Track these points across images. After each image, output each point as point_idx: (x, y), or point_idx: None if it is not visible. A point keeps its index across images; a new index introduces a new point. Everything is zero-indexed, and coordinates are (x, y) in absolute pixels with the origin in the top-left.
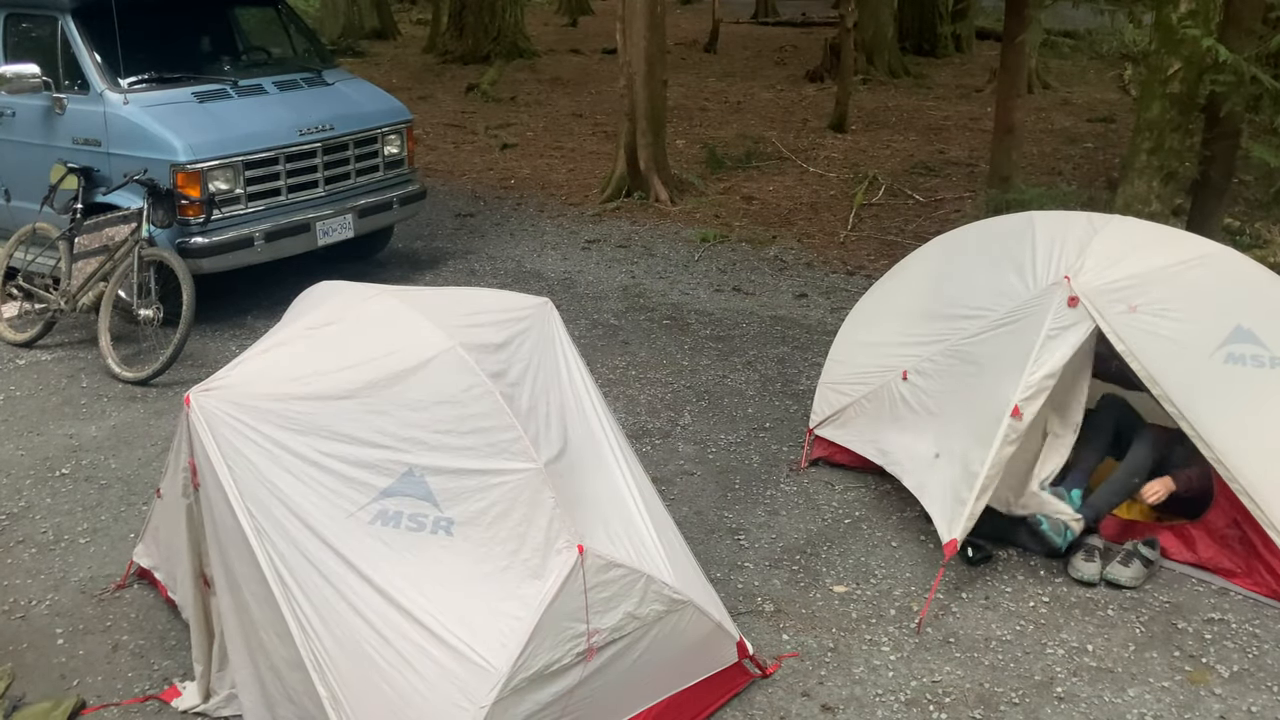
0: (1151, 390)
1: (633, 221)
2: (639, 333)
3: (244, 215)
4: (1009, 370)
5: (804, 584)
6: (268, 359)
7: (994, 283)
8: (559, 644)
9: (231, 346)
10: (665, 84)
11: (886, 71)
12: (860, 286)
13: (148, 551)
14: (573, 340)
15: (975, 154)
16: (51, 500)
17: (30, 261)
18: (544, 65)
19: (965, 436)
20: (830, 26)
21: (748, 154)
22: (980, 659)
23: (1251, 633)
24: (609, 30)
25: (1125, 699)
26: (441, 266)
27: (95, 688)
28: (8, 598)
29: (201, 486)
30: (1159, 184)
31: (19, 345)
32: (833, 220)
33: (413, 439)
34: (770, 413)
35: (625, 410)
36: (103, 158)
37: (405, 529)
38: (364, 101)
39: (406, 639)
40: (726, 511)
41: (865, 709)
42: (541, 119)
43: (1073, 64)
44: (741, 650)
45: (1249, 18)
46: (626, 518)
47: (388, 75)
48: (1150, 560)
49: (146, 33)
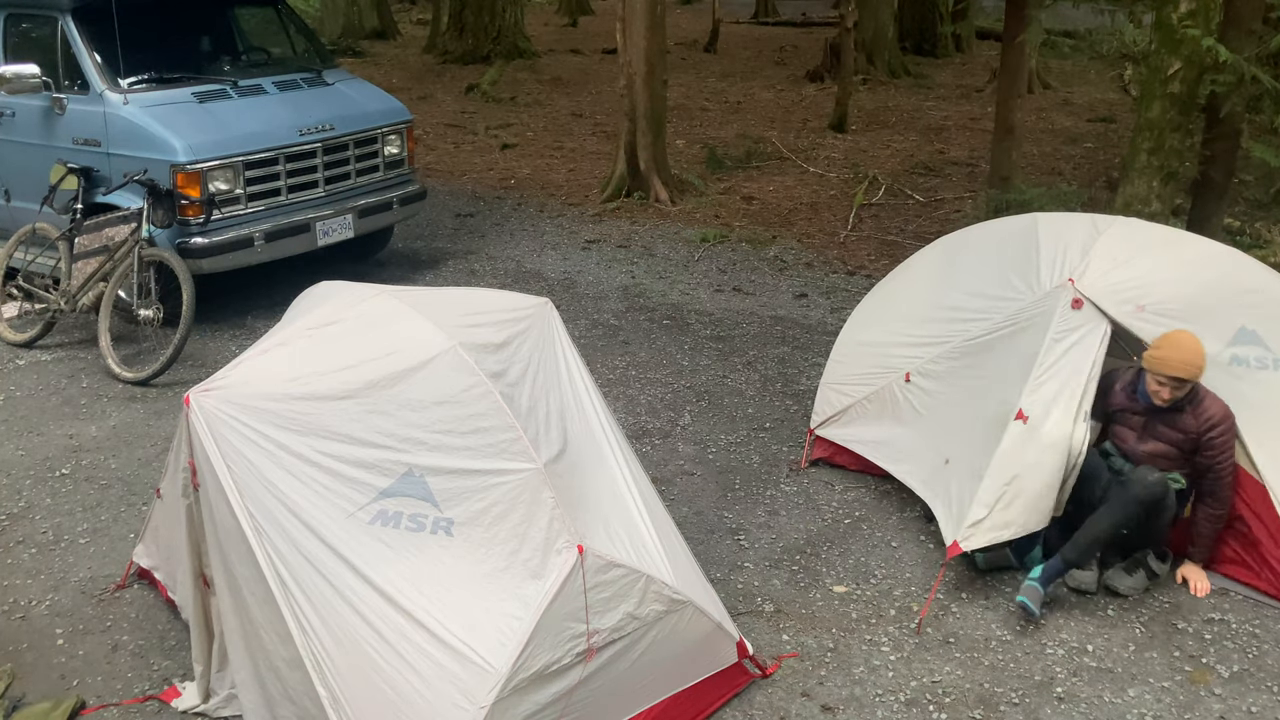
0: None
1: (633, 221)
2: (639, 333)
3: (244, 215)
4: (1014, 373)
5: (804, 584)
6: (268, 359)
7: (997, 285)
8: (559, 644)
9: (231, 346)
10: (665, 84)
11: (887, 71)
12: (860, 286)
13: (148, 552)
14: (573, 340)
15: (975, 154)
16: (51, 500)
17: (30, 262)
18: (544, 65)
19: (971, 441)
20: (830, 26)
21: (748, 154)
22: (980, 659)
23: (1251, 633)
24: (609, 30)
25: (1125, 699)
26: (441, 266)
27: (95, 688)
28: (8, 598)
29: (201, 487)
30: (1159, 184)
31: (19, 345)
32: (833, 220)
33: (412, 439)
34: (770, 413)
35: (625, 410)
36: (103, 158)
37: (405, 529)
38: (364, 101)
39: (406, 639)
40: (726, 512)
41: (865, 709)
42: (541, 119)
43: (1073, 64)
44: (741, 650)
45: (1249, 18)
46: (626, 518)
47: (388, 75)
48: (1156, 574)
49: (146, 33)
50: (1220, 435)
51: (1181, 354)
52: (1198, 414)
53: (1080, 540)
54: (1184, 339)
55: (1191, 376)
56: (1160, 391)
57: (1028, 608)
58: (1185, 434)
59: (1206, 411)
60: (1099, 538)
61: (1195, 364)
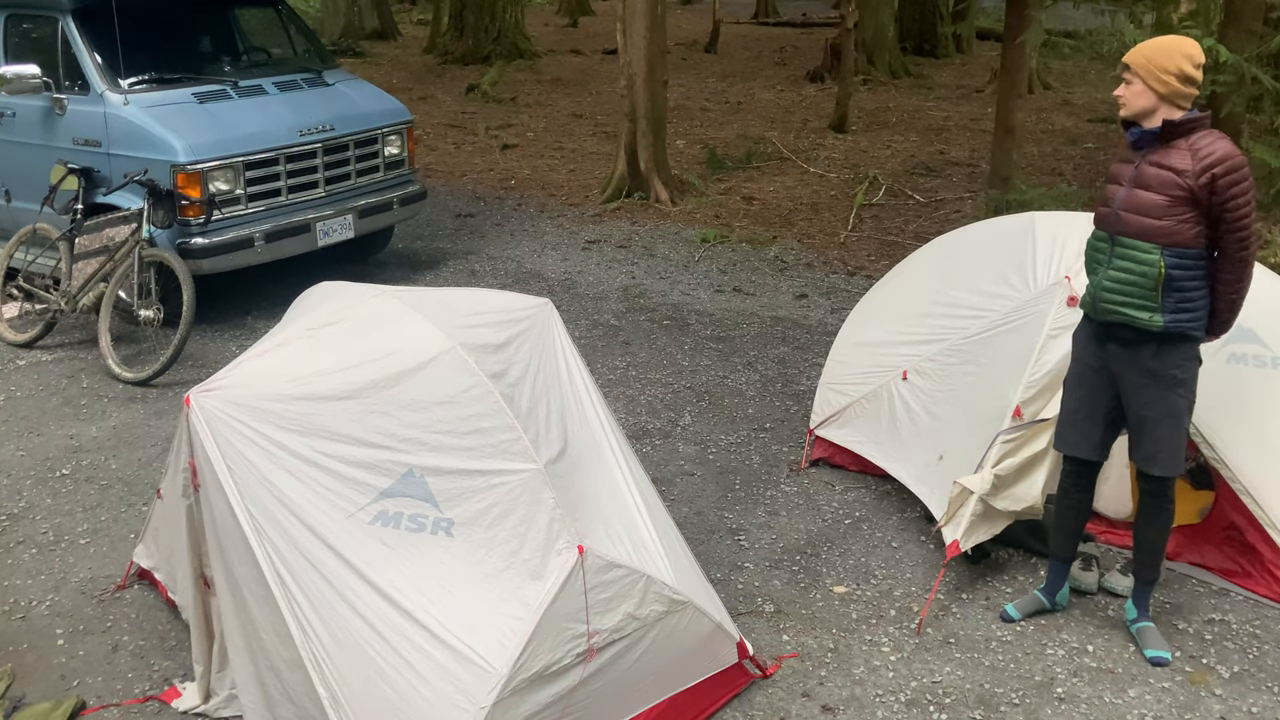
0: None
1: (633, 222)
2: (639, 333)
3: (244, 216)
4: (1010, 370)
5: (804, 584)
6: (268, 359)
7: (994, 283)
8: (559, 644)
9: (231, 347)
10: (666, 84)
11: (887, 72)
12: (860, 287)
13: (148, 552)
14: (573, 341)
15: (976, 154)
16: (52, 501)
17: (31, 262)
18: (544, 66)
19: (968, 438)
20: (830, 27)
21: (748, 154)
22: (980, 659)
23: (1252, 633)
24: (609, 31)
25: (1125, 699)
26: (441, 267)
27: (95, 688)
28: (8, 598)
29: (201, 487)
30: None
31: (19, 346)
32: (833, 220)
33: (413, 439)
34: (770, 413)
35: (625, 410)
36: (103, 158)
37: (405, 529)
38: (364, 102)
39: (406, 639)
40: (726, 512)
41: (865, 709)
42: (542, 119)
43: (1073, 64)
44: (741, 651)
45: (1249, 18)
46: (627, 518)
47: (388, 76)
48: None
49: (147, 33)
50: (1225, 174)
51: (1145, 46)
52: (1195, 150)
53: (1146, 558)
54: (1165, 36)
55: (1139, 66)
56: (1120, 95)
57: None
58: (1177, 173)
59: (1207, 148)
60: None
61: (1146, 54)
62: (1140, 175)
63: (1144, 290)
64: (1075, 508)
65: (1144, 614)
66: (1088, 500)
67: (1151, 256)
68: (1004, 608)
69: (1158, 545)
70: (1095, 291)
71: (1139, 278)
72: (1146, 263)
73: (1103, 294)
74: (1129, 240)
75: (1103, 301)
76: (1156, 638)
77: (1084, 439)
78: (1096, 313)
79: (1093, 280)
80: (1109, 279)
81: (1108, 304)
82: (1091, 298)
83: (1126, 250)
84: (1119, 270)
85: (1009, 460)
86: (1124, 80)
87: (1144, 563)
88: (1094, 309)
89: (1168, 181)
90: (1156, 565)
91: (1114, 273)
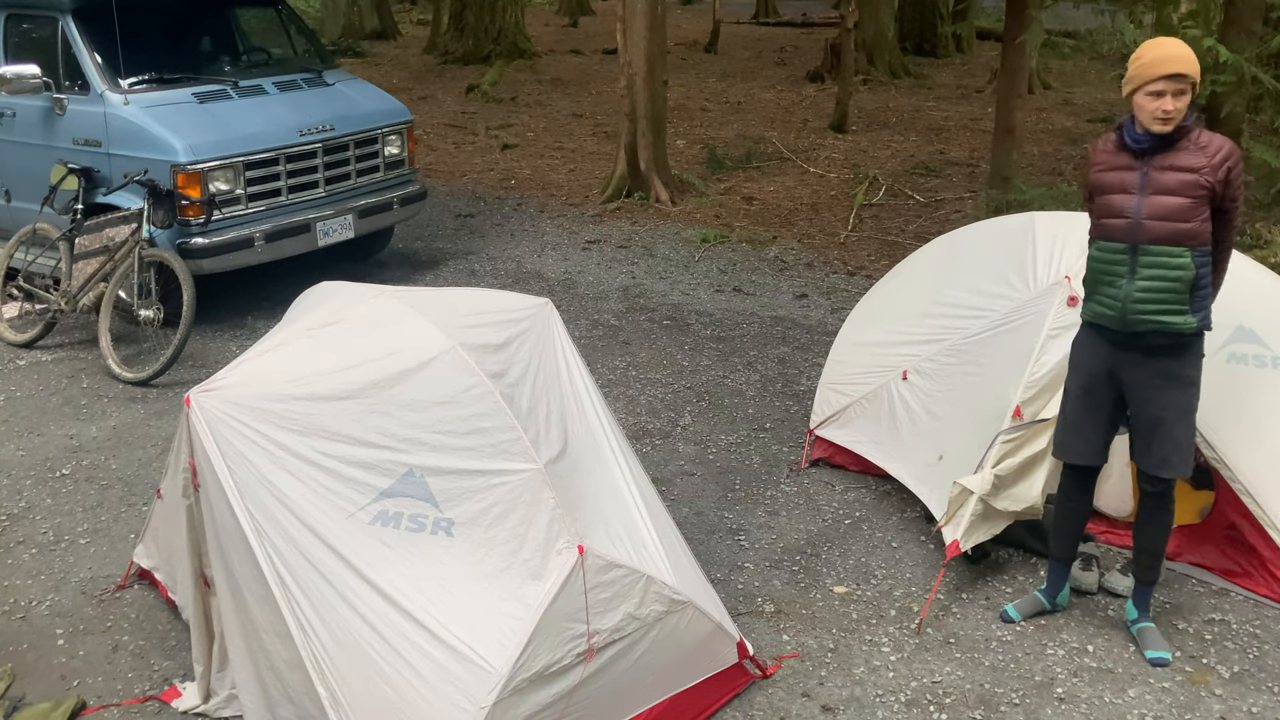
0: None
1: (633, 222)
2: (639, 333)
3: (244, 216)
4: (1010, 370)
5: (804, 584)
6: (268, 359)
7: (994, 282)
8: (559, 644)
9: (231, 347)
10: (666, 84)
11: (887, 72)
12: (860, 287)
13: (148, 552)
14: (573, 341)
15: (976, 154)
16: (52, 501)
17: (31, 262)
18: (544, 66)
19: (968, 438)
20: (830, 27)
21: (748, 154)
22: (981, 659)
23: (1252, 633)
24: (609, 31)
25: (1125, 699)
26: (441, 267)
27: (95, 688)
28: (8, 598)
29: (202, 487)
30: None
31: (19, 346)
32: (833, 220)
33: (413, 439)
34: (770, 413)
35: (625, 410)
36: (103, 158)
37: (405, 529)
38: (364, 102)
39: (406, 639)
40: (727, 512)
41: (865, 709)
42: (542, 119)
43: (1073, 64)
44: (742, 651)
45: (1249, 18)
46: (627, 518)
47: (388, 75)
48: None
49: (147, 33)
50: (1236, 165)
51: (1168, 49)
52: (1203, 147)
53: (1146, 559)
54: (1161, 39)
55: (1192, 71)
56: (1162, 105)
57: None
58: (1195, 171)
59: (1214, 144)
60: (1162, 548)
61: (1188, 56)
62: (1155, 181)
63: (1178, 295)
64: (1076, 510)
65: (1144, 614)
66: (1088, 502)
67: (1183, 260)
68: (1004, 608)
69: (1158, 546)
70: (1123, 304)
71: (1173, 283)
72: (1179, 267)
73: (1134, 305)
74: (1156, 248)
75: (1135, 313)
76: (1157, 638)
77: (1088, 448)
78: (1126, 324)
79: (1111, 294)
80: (1140, 289)
81: (1141, 314)
82: (1118, 311)
83: (1154, 258)
84: (1149, 279)
85: (1009, 460)
86: (1177, 92)
87: (1144, 563)
88: (1122, 321)
89: (1189, 183)
90: (1157, 566)
91: (1143, 282)
